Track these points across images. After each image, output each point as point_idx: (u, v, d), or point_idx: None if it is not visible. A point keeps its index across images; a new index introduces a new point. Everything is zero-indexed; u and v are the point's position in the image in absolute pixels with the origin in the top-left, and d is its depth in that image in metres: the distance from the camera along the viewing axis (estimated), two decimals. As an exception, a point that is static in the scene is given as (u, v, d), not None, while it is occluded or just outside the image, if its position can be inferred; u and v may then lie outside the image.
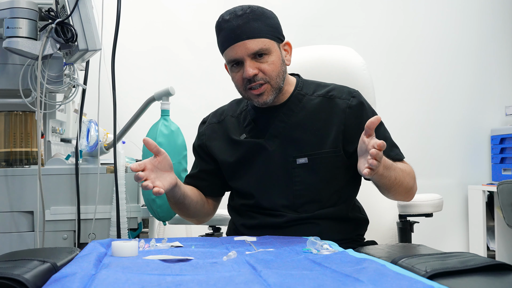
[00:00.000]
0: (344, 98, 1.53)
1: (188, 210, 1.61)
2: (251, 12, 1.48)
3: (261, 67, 1.47)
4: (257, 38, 1.46)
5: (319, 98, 1.55)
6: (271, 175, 1.53)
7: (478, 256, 1.06)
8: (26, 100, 1.75)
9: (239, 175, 1.59)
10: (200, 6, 3.15)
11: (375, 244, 1.58)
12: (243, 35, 1.46)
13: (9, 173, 1.78)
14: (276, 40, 1.51)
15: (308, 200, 1.51)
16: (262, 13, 1.49)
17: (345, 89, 1.56)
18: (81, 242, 1.79)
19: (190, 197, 1.58)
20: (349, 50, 2.13)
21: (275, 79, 1.49)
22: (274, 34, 1.50)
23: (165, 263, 1.07)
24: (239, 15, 1.47)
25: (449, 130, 3.33)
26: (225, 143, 1.62)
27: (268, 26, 1.49)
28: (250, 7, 1.49)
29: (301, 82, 1.60)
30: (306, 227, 1.50)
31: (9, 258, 1.11)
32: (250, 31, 1.46)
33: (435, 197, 1.83)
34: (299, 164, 1.51)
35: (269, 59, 1.48)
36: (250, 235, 1.49)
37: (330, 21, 3.22)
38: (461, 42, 3.35)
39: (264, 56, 1.47)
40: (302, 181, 1.51)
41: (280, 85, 1.51)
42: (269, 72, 1.48)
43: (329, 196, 1.52)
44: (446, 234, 3.29)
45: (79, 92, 1.90)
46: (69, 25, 1.66)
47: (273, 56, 1.48)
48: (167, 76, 3.07)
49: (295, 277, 0.92)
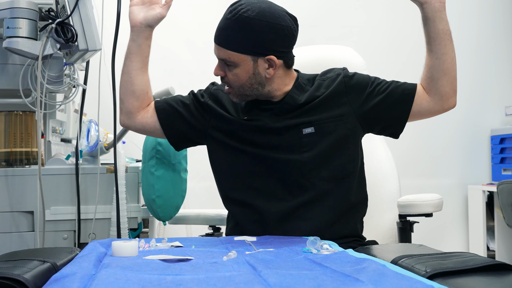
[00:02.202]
0: (336, 71, 1.60)
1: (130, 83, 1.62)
2: (235, 20, 1.46)
3: (227, 73, 1.52)
4: (225, 49, 1.49)
5: (316, 82, 1.59)
6: (278, 149, 1.53)
7: (478, 256, 1.06)
8: (26, 100, 1.75)
9: (243, 149, 1.56)
10: (200, 6, 3.15)
11: (375, 244, 1.58)
12: (217, 39, 1.52)
13: (9, 173, 1.78)
14: (252, 54, 1.48)
15: (315, 167, 1.51)
16: (246, 24, 1.45)
17: (331, 69, 1.63)
18: (81, 242, 1.79)
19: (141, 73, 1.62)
20: (349, 50, 2.14)
21: (237, 88, 1.53)
22: (250, 49, 1.48)
23: (165, 263, 1.07)
24: (226, 17, 1.49)
25: (449, 130, 3.33)
26: (227, 115, 1.60)
27: (246, 39, 1.47)
28: (238, 14, 1.46)
29: (300, 76, 1.62)
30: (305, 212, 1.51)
31: (9, 258, 1.11)
32: (224, 39, 1.49)
33: (435, 197, 1.83)
34: (306, 134, 1.52)
35: (234, 70, 1.50)
36: (253, 227, 1.49)
37: (330, 21, 3.22)
38: (461, 42, 3.32)
39: (230, 66, 1.51)
40: (310, 150, 1.52)
41: (246, 93, 1.53)
42: (231, 81, 1.53)
43: (338, 165, 1.52)
44: (446, 234, 3.29)
45: (79, 92, 1.90)
46: (69, 25, 1.66)
47: (238, 69, 1.50)
48: (167, 75, 3.07)
49: (295, 277, 0.92)
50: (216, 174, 1.63)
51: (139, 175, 1.84)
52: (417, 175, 3.21)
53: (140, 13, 1.59)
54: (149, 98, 1.64)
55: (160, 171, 1.72)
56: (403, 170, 2.39)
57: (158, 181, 1.72)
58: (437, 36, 1.55)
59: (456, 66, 1.54)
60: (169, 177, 1.73)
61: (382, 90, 1.56)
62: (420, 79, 1.60)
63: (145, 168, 1.77)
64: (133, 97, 1.60)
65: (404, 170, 2.48)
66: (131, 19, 1.59)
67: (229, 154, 1.57)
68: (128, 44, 1.60)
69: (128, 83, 1.61)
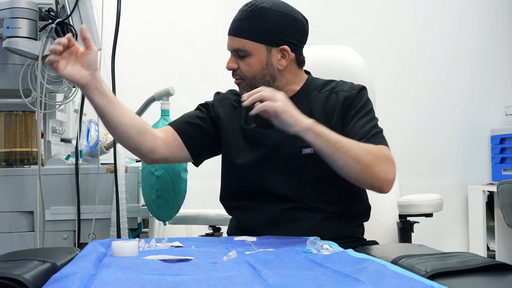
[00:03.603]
0: (346, 90, 1.56)
1: (110, 127, 1.49)
2: (250, 11, 1.51)
3: (240, 64, 1.53)
4: (239, 38, 1.52)
5: (326, 93, 1.57)
6: (277, 164, 1.53)
7: (478, 256, 1.06)
8: (26, 100, 1.75)
9: (244, 155, 1.57)
10: (200, 6, 3.15)
11: (375, 244, 1.58)
12: (231, 31, 1.54)
13: (9, 173, 1.78)
14: (266, 43, 1.51)
15: (312, 191, 1.51)
16: (261, 14, 1.50)
17: (349, 83, 1.59)
18: (81, 242, 1.79)
19: (118, 117, 1.45)
20: (349, 50, 2.14)
21: (249, 79, 1.53)
22: (264, 38, 1.50)
23: (165, 263, 1.07)
24: (242, 10, 1.54)
25: (449, 130, 3.33)
26: (235, 125, 1.61)
27: (261, 28, 1.50)
28: (254, 5, 1.52)
29: (311, 79, 1.62)
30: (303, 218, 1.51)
31: (9, 258, 1.11)
32: (237, 29, 1.52)
33: (435, 197, 1.83)
34: (305, 154, 1.51)
35: (247, 60, 1.52)
36: (253, 227, 1.50)
37: (330, 21, 3.22)
38: (461, 42, 3.35)
39: (243, 56, 1.52)
40: (308, 171, 1.51)
41: (257, 85, 1.52)
42: (244, 72, 1.53)
43: (335, 190, 1.51)
44: (446, 234, 3.29)
45: (79, 92, 1.90)
46: (69, 25, 1.66)
47: (252, 58, 1.51)
48: (167, 76, 3.07)
49: (295, 277, 0.92)
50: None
51: (139, 175, 1.84)
52: (417, 175, 3.21)
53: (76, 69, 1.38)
54: (144, 123, 1.53)
55: (160, 171, 1.72)
56: (403, 170, 2.39)
57: (158, 181, 1.72)
58: (324, 157, 1.39)
59: (361, 159, 1.37)
60: (169, 177, 1.73)
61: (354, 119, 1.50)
62: None
63: (145, 168, 1.77)
64: (140, 136, 1.50)
65: (404, 170, 2.47)
66: (76, 81, 1.39)
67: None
68: (93, 106, 1.43)
69: (125, 133, 1.48)
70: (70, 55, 1.37)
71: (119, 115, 1.45)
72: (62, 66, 1.36)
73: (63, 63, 1.36)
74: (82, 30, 1.37)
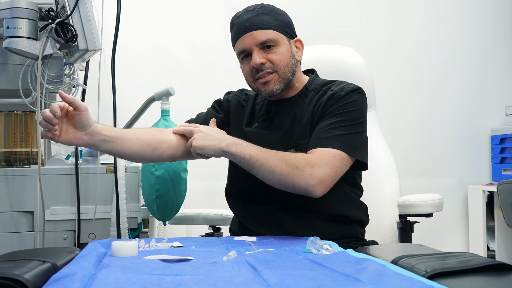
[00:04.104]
0: (337, 89, 1.53)
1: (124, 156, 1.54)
2: (261, 8, 1.55)
3: (269, 57, 1.52)
4: (265, 29, 1.52)
5: (320, 93, 1.57)
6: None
7: (478, 256, 1.06)
8: (26, 100, 1.75)
9: None
10: (200, 6, 3.15)
11: (375, 244, 1.58)
12: (251, 26, 1.53)
13: (9, 173, 1.78)
14: (286, 34, 1.56)
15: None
16: (272, 9, 1.56)
17: (344, 84, 1.56)
18: (81, 242, 1.79)
19: (128, 151, 1.48)
20: (349, 50, 2.14)
21: (283, 69, 1.53)
22: (283, 29, 1.55)
23: (165, 263, 1.07)
24: (250, 10, 1.56)
25: (449, 130, 3.33)
26: (238, 126, 1.63)
27: (278, 20, 1.55)
28: (262, 3, 1.57)
29: (312, 79, 1.63)
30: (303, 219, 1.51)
31: (9, 258, 1.11)
32: (259, 22, 1.53)
33: (435, 197, 1.83)
34: None
35: (277, 50, 1.53)
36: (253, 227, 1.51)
37: (330, 21, 3.22)
38: (461, 42, 3.35)
39: (272, 47, 1.52)
40: None
41: (288, 76, 1.54)
42: (277, 62, 1.52)
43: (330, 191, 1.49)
44: (446, 234, 3.29)
45: (79, 92, 1.90)
46: (69, 25, 1.66)
47: (281, 47, 1.53)
48: (167, 76, 3.07)
49: (295, 277, 0.92)
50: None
51: (139, 175, 1.84)
52: (417, 175, 3.21)
53: (71, 133, 1.39)
54: (154, 136, 1.55)
55: (160, 171, 1.72)
56: (403, 170, 2.39)
57: (158, 181, 1.72)
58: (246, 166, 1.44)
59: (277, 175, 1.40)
60: (169, 177, 1.73)
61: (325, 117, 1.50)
62: None
63: (145, 168, 1.77)
64: (157, 151, 1.52)
65: (404, 170, 2.48)
66: (74, 145, 1.42)
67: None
68: (101, 152, 1.48)
69: (141, 157, 1.52)
70: (62, 119, 1.36)
71: (128, 147, 1.48)
72: (57, 135, 1.36)
73: (57, 130, 1.36)
74: (62, 95, 1.33)
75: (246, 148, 1.44)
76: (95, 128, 1.41)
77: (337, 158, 1.42)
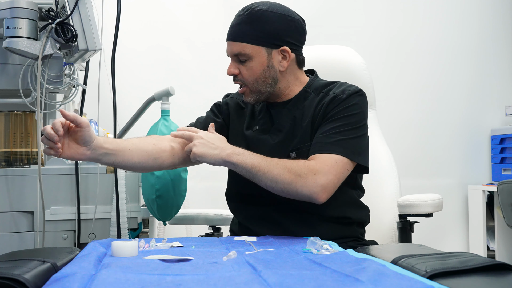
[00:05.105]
0: (338, 92, 1.53)
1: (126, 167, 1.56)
2: (248, 14, 1.51)
3: (241, 69, 1.53)
4: (238, 42, 1.51)
5: (321, 95, 1.55)
6: None
7: (478, 256, 1.06)
8: (26, 100, 1.75)
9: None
10: (200, 6, 3.15)
11: (375, 244, 1.58)
12: (230, 36, 1.54)
13: (9, 173, 1.78)
14: (266, 45, 1.51)
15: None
16: (259, 16, 1.50)
17: (345, 86, 1.55)
18: (81, 242, 1.79)
19: (128, 162, 1.49)
20: (349, 50, 2.14)
21: (251, 83, 1.53)
22: (264, 40, 1.50)
23: (165, 263, 1.07)
24: (239, 14, 1.53)
25: (449, 130, 3.33)
26: (238, 130, 1.63)
27: (260, 31, 1.50)
28: (251, 8, 1.51)
29: (312, 81, 1.61)
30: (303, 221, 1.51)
31: (9, 258, 1.11)
32: (236, 33, 1.52)
33: (435, 197, 1.83)
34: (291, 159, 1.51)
35: (248, 64, 1.52)
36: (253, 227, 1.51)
37: (330, 21, 3.22)
38: (461, 42, 3.35)
39: (245, 61, 1.52)
40: None
41: (260, 89, 1.53)
42: (245, 76, 1.53)
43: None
44: (446, 234, 3.29)
45: (79, 92, 1.90)
46: (69, 25, 1.66)
47: (253, 61, 1.51)
48: (167, 76, 3.07)
49: (295, 277, 0.92)
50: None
51: (139, 175, 1.84)
52: (417, 175, 3.21)
53: (74, 148, 1.39)
54: (155, 145, 1.55)
55: (160, 171, 1.72)
56: (403, 170, 2.39)
57: (158, 181, 1.72)
58: (249, 175, 1.44)
59: (280, 183, 1.41)
60: (169, 177, 1.73)
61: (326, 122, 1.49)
62: None
63: (145, 168, 1.77)
64: (158, 160, 1.53)
65: (404, 170, 2.47)
66: (77, 159, 1.43)
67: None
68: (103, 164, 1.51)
69: (143, 167, 1.53)
70: (63, 135, 1.36)
71: (130, 159, 1.49)
72: (60, 152, 1.36)
73: (59, 147, 1.36)
74: (63, 113, 1.33)
75: (248, 157, 1.44)
76: (97, 142, 1.41)
77: (339, 164, 1.43)
